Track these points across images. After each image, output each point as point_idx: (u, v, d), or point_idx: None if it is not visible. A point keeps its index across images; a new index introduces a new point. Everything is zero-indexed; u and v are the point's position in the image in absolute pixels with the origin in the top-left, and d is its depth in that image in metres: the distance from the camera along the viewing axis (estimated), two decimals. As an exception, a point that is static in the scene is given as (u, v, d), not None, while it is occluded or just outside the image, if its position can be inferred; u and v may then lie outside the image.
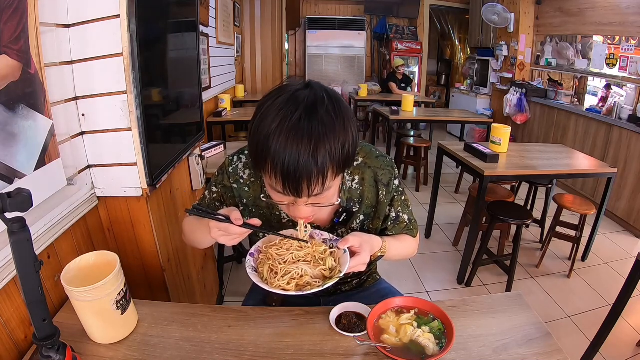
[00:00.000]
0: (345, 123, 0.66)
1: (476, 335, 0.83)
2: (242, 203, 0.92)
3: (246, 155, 0.91)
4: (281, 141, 0.62)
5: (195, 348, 0.79)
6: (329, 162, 0.64)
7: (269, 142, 0.63)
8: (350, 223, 0.93)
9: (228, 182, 0.92)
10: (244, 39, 5.14)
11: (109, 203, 1.14)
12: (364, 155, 0.91)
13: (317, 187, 0.66)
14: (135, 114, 1.05)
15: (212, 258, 2.02)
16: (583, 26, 4.21)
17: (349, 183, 0.90)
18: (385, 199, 0.92)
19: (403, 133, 4.43)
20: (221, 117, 3.37)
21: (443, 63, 8.07)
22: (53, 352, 0.65)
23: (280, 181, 0.65)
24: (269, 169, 0.65)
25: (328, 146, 0.63)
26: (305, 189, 0.65)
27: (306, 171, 0.63)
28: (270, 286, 0.74)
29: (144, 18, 1.02)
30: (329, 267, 0.79)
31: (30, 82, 0.80)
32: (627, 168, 3.28)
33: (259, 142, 0.65)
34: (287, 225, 0.92)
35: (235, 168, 0.91)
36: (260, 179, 0.89)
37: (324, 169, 0.64)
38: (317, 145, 0.62)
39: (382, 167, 0.90)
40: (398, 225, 0.98)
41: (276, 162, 0.63)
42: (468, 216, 2.75)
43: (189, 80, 1.60)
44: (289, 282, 0.75)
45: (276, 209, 0.91)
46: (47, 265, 0.89)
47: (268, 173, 0.66)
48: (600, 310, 2.15)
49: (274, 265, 0.78)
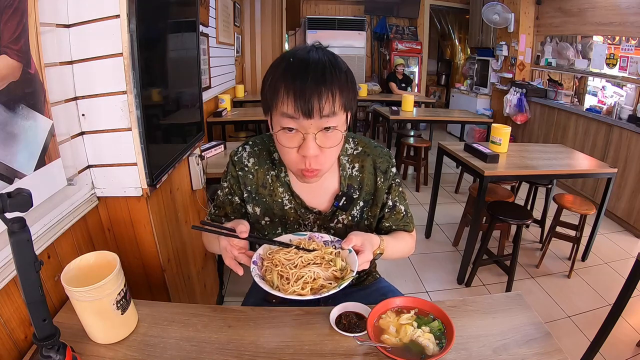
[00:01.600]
0: (346, 66, 0.78)
1: (476, 335, 0.83)
2: (247, 190, 0.96)
3: (250, 145, 0.97)
4: (293, 67, 0.73)
5: (195, 348, 0.79)
6: (336, 86, 0.73)
7: (282, 73, 0.73)
8: (351, 209, 0.95)
9: (234, 171, 0.96)
10: (244, 39, 5.14)
11: (109, 203, 1.14)
12: (363, 145, 0.97)
13: (327, 104, 0.72)
14: (135, 114, 1.05)
15: (212, 258, 2.02)
16: (583, 26, 4.20)
17: (349, 170, 0.95)
18: (383, 185, 0.96)
19: (403, 133, 4.44)
20: (221, 117, 3.37)
21: (443, 63, 8.07)
22: (53, 352, 0.65)
23: (292, 102, 0.71)
24: (281, 96, 0.73)
25: (336, 72, 0.74)
26: (316, 105, 0.71)
27: (316, 89, 0.71)
28: (284, 293, 0.73)
29: (144, 18, 1.02)
30: (339, 268, 0.79)
31: (30, 82, 0.80)
32: (627, 168, 3.28)
33: (274, 77, 0.74)
34: (289, 212, 0.95)
35: (240, 157, 0.96)
36: (263, 167, 0.94)
37: (332, 88, 0.72)
38: (324, 70, 0.73)
39: (380, 155, 0.96)
40: (395, 216, 1.00)
41: (289, 86, 0.71)
42: (468, 216, 2.75)
43: (189, 80, 1.60)
44: (303, 286, 0.75)
45: (278, 196, 0.94)
46: (47, 265, 0.89)
47: (281, 100, 0.73)
48: (600, 310, 2.15)
49: (284, 271, 0.77)
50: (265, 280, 0.77)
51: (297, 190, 0.94)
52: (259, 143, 0.97)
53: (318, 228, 0.96)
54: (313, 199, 0.95)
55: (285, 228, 0.97)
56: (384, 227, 1.01)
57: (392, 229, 1.02)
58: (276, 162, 0.95)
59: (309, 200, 0.95)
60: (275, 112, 0.76)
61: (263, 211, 0.96)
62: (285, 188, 0.94)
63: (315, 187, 0.94)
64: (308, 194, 0.95)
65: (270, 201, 0.95)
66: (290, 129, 0.75)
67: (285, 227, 0.97)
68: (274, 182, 0.95)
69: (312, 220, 0.96)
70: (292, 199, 0.94)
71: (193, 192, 1.68)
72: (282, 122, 0.75)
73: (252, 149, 0.96)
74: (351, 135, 0.98)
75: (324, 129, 0.75)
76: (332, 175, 0.95)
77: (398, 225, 1.02)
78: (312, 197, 0.95)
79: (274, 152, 0.95)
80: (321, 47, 0.79)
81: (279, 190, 0.95)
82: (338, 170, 0.95)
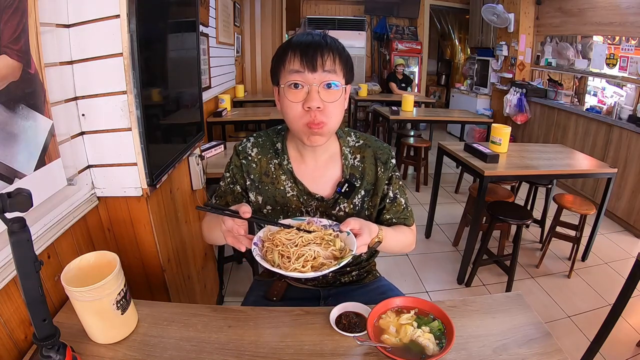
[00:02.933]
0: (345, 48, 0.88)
1: (476, 335, 0.83)
2: (250, 178, 0.98)
3: (255, 137, 1.01)
4: (299, 36, 0.85)
5: (195, 348, 0.79)
6: (336, 50, 0.84)
7: (288, 42, 0.85)
8: (352, 197, 0.97)
9: (238, 160, 0.99)
10: (244, 39, 5.14)
11: (109, 203, 1.14)
12: (364, 138, 1.02)
13: (328, 60, 0.82)
14: (135, 114, 1.05)
15: (212, 258, 2.02)
16: (583, 26, 4.20)
17: (351, 160, 0.99)
18: (384, 175, 1.00)
19: (403, 133, 4.43)
20: (221, 117, 3.37)
21: (443, 63, 8.07)
22: (53, 352, 0.65)
23: (298, 57, 0.81)
24: (289, 55, 0.83)
25: (335, 41, 0.86)
26: (319, 59, 0.81)
27: (319, 45, 0.82)
28: (285, 270, 0.75)
29: (144, 18, 1.02)
30: (338, 248, 0.81)
31: (30, 82, 0.80)
32: (627, 168, 3.28)
33: (281, 49, 0.85)
34: (291, 199, 0.97)
35: (244, 147, 1.00)
36: (266, 156, 0.98)
37: (332, 50, 0.83)
38: (325, 36, 0.85)
39: (380, 148, 1.01)
40: (395, 207, 1.02)
41: (295, 47, 0.82)
42: (468, 216, 2.75)
43: (189, 80, 1.60)
44: (303, 264, 0.76)
45: (281, 183, 0.97)
46: (47, 265, 0.89)
47: (288, 59, 0.83)
48: (600, 310, 2.15)
49: (285, 250, 0.79)
50: (266, 260, 0.78)
51: (300, 177, 0.96)
52: (262, 135, 1.01)
53: (320, 215, 0.97)
54: (315, 186, 0.97)
55: (288, 216, 0.98)
56: (384, 219, 1.03)
57: (392, 221, 1.03)
58: (279, 151, 0.97)
59: (312, 186, 0.96)
60: (283, 72, 0.85)
61: (265, 199, 0.98)
62: (287, 175, 0.96)
63: (318, 174, 0.97)
64: (310, 181, 0.96)
65: (273, 189, 0.97)
66: (297, 85, 0.82)
67: (287, 214, 0.98)
68: (277, 170, 0.97)
69: (315, 207, 0.97)
70: (295, 186, 0.96)
71: (193, 192, 1.68)
72: (289, 77, 0.83)
73: (256, 139, 1.00)
74: (353, 130, 1.04)
75: (326, 85, 0.83)
76: (335, 163, 0.98)
77: (398, 218, 1.03)
78: (314, 184, 0.97)
79: (277, 142, 0.98)
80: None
81: (281, 178, 0.97)
82: (340, 159, 0.98)
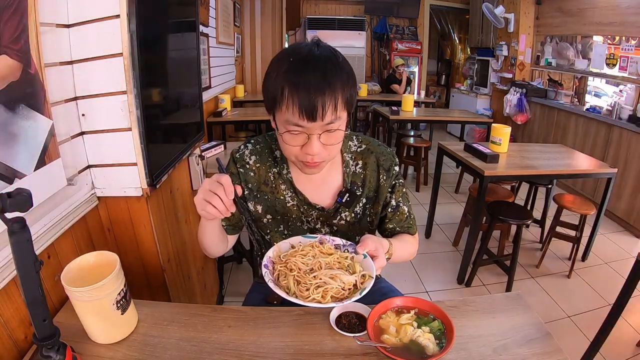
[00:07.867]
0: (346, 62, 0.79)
1: (476, 335, 0.83)
2: (248, 187, 0.95)
3: (252, 143, 0.97)
4: (296, 68, 0.73)
5: (195, 348, 0.79)
6: (339, 88, 0.74)
7: (285, 75, 0.73)
8: (354, 206, 0.95)
9: (235, 168, 0.95)
10: (244, 39, 5.13)
11: (109, 203, 1.14)
12: (367, 143, 0.98)
13: (329, 109, 0.73)
14: (135, 114, 1.05)
15: (212, 258, 2.02)
16: (583, 26, 4.20)
17: (352, 167, 0.96)
18: (386, 183, 0.96)
19: (403, 133, 4.43)
20: (221, 117, 3.37)
21: (443, 63, 8.07)
22: (53, 352, 0.65)
23: (297, 109, 0.72)
24: (286, 101, 0.73)
25: (337, 72, 0.74)
26: (320, 109, 0.72)
27: (319, 89, 0.72)
28: (304, 300, 0.72)
29: (144, 18, 1.02)
30: (360, 274, 0.79)
31: (30, 82, 0.80)
32: (627, 168, 3.28)
33: (277, 77, 0.74)
34: (291, 209, 0.94)
35: (242, 154, 0.95)
36: (265, 164, 0.94)
37: (334, 93, 0.73)
38: (325, 71, 0.73)
39: (383, 154, 0.97)
40: (398, 217, 1.00)
41: (293, 92, 0.72)
42: (468, 216, 2.75)
43: (189, 80, 1.60)
44: (323, 295, 0.74)
45: (281, 193, 0.94)
46: (47, 265, 0.89)
47: (285, 105, 0.74)
48: (600, 310, 2.15)
49: (301, 277, 0.76)
50: (279, 286, 0.75)
51: (300, 187, 0.94)
52: (260, 141, 0.97)
53: (321, 224, 0.96)
54: (316, 196, 0.95)
55: (288, 225, 0.97)
56: (387, 228, 1.01)
57: (395, 230, 1.01)
58: (278, 159, 0.94)
59: (312, 196, 0.94)
60: (279, 115, 0.77)
61: (265, 209, 0.96)
62: (287, 185, 0.94)
63: (318, 183, 0.94)
64: (311, 191, 0.94)
65: (272, 198, 0.95)
66: (296, 131, 0.77)
67: (287, 224, 0.96)
68: (276, 179, 0.95)
69: (315, 217, 0.96)
70: (295, 195, 0.94)
71: (193, 192, 1.68)
72: (287, 126, 0.77)
73: (254, 147, 0.96)
74: (355, 133, 1.00)
75: (327, 130, 0.77)
76: (335, 171, 0.95)
77: (402, 227, 1.01)
78: (315, 193, 0.95)
79: (276, 149, 0.95)
80: (322, 43, 0.80)
81: (281, 188, 0.94)
82: (341, 167, 0.96)
